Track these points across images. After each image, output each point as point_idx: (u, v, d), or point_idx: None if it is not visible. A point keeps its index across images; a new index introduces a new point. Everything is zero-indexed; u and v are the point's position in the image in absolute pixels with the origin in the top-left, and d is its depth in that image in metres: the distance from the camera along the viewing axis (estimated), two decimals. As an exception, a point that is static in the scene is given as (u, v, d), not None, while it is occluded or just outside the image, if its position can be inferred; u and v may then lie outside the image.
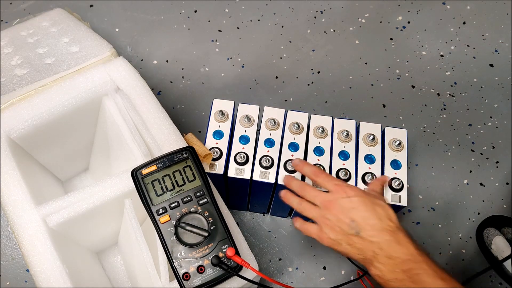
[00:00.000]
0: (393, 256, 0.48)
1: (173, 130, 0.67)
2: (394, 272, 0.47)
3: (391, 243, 0.48)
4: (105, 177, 0.63)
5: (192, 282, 0.52)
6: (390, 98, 1.00)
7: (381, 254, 0.48)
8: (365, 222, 0.50)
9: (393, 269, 0.47)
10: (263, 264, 0.82)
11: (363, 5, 1.13)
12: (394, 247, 0.48)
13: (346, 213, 0.51)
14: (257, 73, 1.02)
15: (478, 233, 0.86)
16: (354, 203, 0.51)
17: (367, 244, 0.49)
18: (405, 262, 0.47)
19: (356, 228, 0.50)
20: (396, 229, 0.50)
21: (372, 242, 0.49)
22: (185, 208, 0.55)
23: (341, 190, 0.53)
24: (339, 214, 0.51)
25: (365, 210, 0.51)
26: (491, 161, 0.94)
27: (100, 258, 0.78)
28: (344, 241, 0.51)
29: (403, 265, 0.47)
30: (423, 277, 0.46)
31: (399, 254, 0.47)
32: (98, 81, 0.69)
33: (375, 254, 0.49)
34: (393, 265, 0.47)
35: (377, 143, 0.70)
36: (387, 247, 0.48)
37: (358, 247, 0.50)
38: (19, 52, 0.77)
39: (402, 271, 0.47)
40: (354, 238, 0.50)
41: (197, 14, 1.10)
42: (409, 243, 0.49)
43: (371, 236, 0.49)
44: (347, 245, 0.51)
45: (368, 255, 0.49)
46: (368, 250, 0.49)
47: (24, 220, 0.59)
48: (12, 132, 0.65)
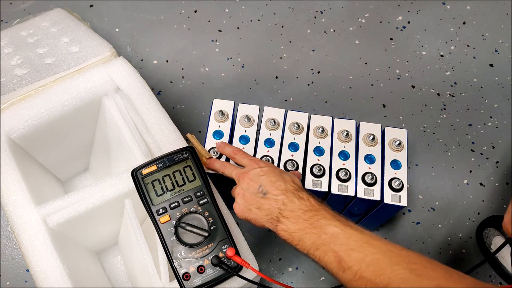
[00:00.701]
0: (296, 209, 0.51)
1: (173, 130, 0.67)
2: (297, 223, 0.51)
3: (293, 198, 0.52)
4: (105, 177, 0.63)
5: (192, 282, 0.52)
6: (390, 98, 1.00)
7: (285, 209, 0.52)
8: (271, 185, 0.54)
9: (296, 220, 0.51)
10: (263, 264, 0.82)
11: (363, 5, 1.13)
12: (296, 202, 0.52)
13: (256, 179, 0.56)
14: (257, 73, 1.02)
15: (478, 233, 0.86)
16: (264, 171, 0.56)
17: (273, 203, 0.53)
18: (306, 212, 0.51)
19: (263, 190, 0.54)
20: (299, 189, 0.54)
21: (277, 200, 0.53)
22: (185, 208, 0.55)
23: (254, 163, 0.58)
24: (250, 181, 0.56)
25: (273, 175, 0.55)
26: (491, 161, 0.94)
27: (100, 258, 0.78)
28: (254, 206, 0.55)
29: (305, 215, 0.51)
30: (322, 221, 0.49)
31: (301, 206, 0.51)
32: (98, 81, 0.69)
33: (280, 210, 0.52)
34: (296, 216, 0.51)
35: (377, 143, 0.70)
36: (290, 203, 0.52)
37: (265, 208, 0.54)
38: (19, 52, 0.77)
39: (303, 220, 0.50)
40: (261, 200, 0.54)
41: (197, 14, 1.10)
42: (310, 198, 0.53)
43: (276, 195, 0.53)
44: (256, 209, 0.54)
45: (274, 214, 0.53)
46: (273, 208, 0.53)
47: (24, 220, 0.59)
48: (12, 132, 0.65)
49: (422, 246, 0.85)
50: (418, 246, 0.85)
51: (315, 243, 0.48)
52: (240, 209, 0.56)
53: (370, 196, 0.66)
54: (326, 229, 0.48)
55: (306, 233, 0.49)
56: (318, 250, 0.48)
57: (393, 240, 0.85)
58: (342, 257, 0.46)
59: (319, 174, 0.67)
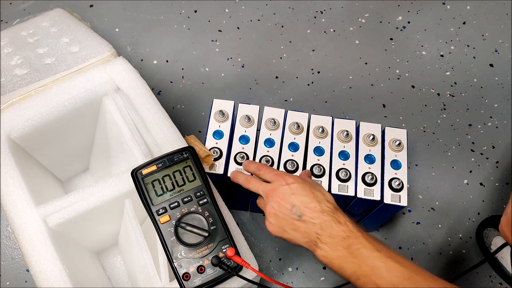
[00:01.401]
0: (334, 234, 0.50)
1: (173, 130, 0.67)
2: (337, 250, 0.50)
3: (331, 223, 0.51)
4: (105, 177, 0.63)
5: (192, 282, 0.52)
6: (390, 98, 1.00)
7: (324, 234, 0.51)
8: (305, 206, 0.52)
9: (335, 247, 0.50)
10: (263, 264, 0.82)
11: (363, 5, 1.13)
12: (335, 226, 0.50)
13: (287, 199, 0.53)
14: (257, 73, 1.02)
15: (478, 233, 0.86)
16: (293, 190, 0.54)
17: (310, 226, 0.52)
18: (345, 239, 0.50)
19: (298, 212, 0.52)
20: (334, 210, 0.52)
21: (314, 223, 0.51)
22: (185, 208, 0.55)
23: (280, 179, 0.56)
24: (280, 201, 0.54)
25: (304, 194, 0.53)
26: (491, 161, 0.94)
27: (100, 258, 0.78)
28: (289, 227, 0.53)
29: (343, 242, 0.49)
30: (362, 251, 0.48)
31: (339, 232, 0.50)
32: (98, 81, 0.69)
33: (318, 235, 0.51)
34: (334, 243, 0.50)
35: (377, 143, 0.70)
36: (328, 227, 0.51)
37: (302, 230, 0.52)
38: (19, 52, 0.77)
39: (343, 248, 0.49)
40: (297, 222, 0.53)
41: (197, 14, 1.10)
42: (348, 221, 0.51)
43: (312, 218, 0.52)
44: (292, 230, 0.53)
45: (312, 237, 0.52)
46: (311, 232, 0.52)
47: (24, 220, 0.59)
48: (12, 132, 0.65)
49: (422, 246, 0.85)
50: (418, 246, 0.85)
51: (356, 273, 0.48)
52: (274, 230, 0.55)
53: (370, 196, 0.66)
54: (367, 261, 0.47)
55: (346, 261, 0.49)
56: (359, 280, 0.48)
57: (393, 240, 0.86)
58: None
59: (319, 174, 0.67)
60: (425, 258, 0.84)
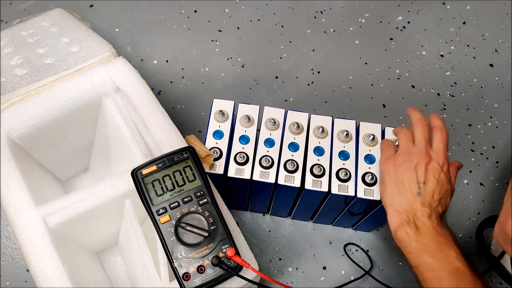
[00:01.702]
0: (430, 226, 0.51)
1: (173, 130, 0.67)
2: (426, 238, 0.51)
3: (434, 219, 0.52)
4: (105, 177, 0.63)
5: (192, 282, 0.52)
6: (390, 98, 1.00)
7: (421, 219, 0.52)
8: (431, 194, 0.53)
9: (425, 235, 0.51)
10: (263, 264, 0.82)
11: (363, 5, 1.13)
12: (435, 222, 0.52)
13: (428, 176, 0.54)
14: (257, 73, 1.02)
15: (478, 233, 0.86)
16: (439, 178, 0.54)
17: (417, 206, 0.52)
18: (438, 235, 0.51)
19: (421, 190, 0.53)
20: (442, 221, 0.54)
21: (422, 210, 0.52)
22: (185, 208, 0.55)
23: (442, 160, 0.56)
24: (423, 168, 0.54)
25: (439, 190, 0.54)
26: (491, 161, 0.94)
27: (100, 258, 0.78)
28: (401, 185, 0.54)
29: (436, 237, 0.50)
30: (451, 253, 0.49)
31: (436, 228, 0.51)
32: (98, 81, 0.69)
33: (416, 218, 0.52)
34: (426, 232, 0.51)
35: (377, 143, 0.70)
36: (428, 218, 0.52)
37: (408, 203, 0.53)
38: (19, 52, 0.77)
39: (432, 239, 0.50)
40: (409, 193, 0.53)
41: (197, 14, 1.10)
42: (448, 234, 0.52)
43: (425, 206, 0.52)
44: (397, 194, 0.54)
45: (411, 215, 0.52)
46: (414, 210, 0.53)
47: (24, 220, 0.59)
48: (12, 132, 0.65)
49: None
50: (418, 246, 0.85)
51: (432, 265, 0.49)
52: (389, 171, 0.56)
53: (370, 196, 0.66)
54: (455, 263, 0.49)
55: (429, 250, 0.50)
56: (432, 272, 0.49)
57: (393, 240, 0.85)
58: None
59: (319, 174, 0.67)
60: (425, 258, 0.84)
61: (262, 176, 0.67)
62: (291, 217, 0.85)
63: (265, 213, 0.86)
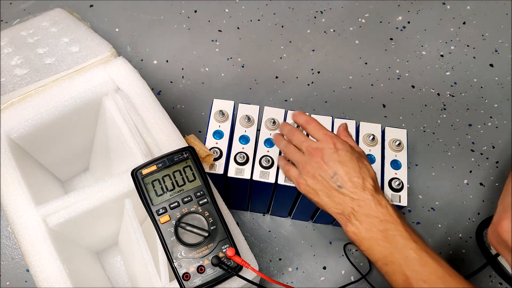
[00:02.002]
0: (371, 215, 0.48)
1: (173, 130, 0.67)
2: (371, 231, 0.48)
3: (371, 203, 0.48)
4: (105, 177, 0.63)
5: (192, 282, 0.52)
6: (390, 98, 1.00)
7: (360, 212, 0.49)
8: (348, 178, 0.50)
9: (370, 228, 0.48)
10: (263, 264, 0.82)
11: (363, 5, 1.13)
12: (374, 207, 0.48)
13: (331, 165, 0.51)
14: (257, 73, 1.02)
15: (478, 233, 0.86)
16: (341, 157, 0.51)
17: (348, 200, 0.49)
18: (382, 222, 0.48)
19: (338, 182, 0.50)
20: (377, 190, 0.50)
21: (353, 199, 0.49)
22: (185, 208, 0.55)
23: (330, 141, 0.52)
24: (323, 164, 0.51)
25: (350, 166, 0.50)
26: (491, 161, 0.94)
27: (100, 258, 0.78)
28: (323, 192, 0.51)
29: (380, 225, 0.48)
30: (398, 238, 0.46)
31: (378, 214, 0.48)
32: (98, 81, 0.69)
33: (354, 211, 0.49)
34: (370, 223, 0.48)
35: (377, 143, 0.70)
36: (366, 206, 0.48)
37: (337, 201, 0.50)
38: (19, 52, 0.77)
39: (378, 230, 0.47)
40: (334, 191, 0.50)
41: (197, 14, 1.10)
42: (388, 205, 0.49)
43: (353, 193, 0.49)
44: (326, 197, 0.51)
45: (346, 211, 0.49)
46: (347, 206, 0.49)
47: (24, 220, 0.59)
48: (12, 132, 0.65)
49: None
50: (418, 246, 0.85)
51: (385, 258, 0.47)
52: (305, 189, 0.52)
53: (370, 196, 0.66)
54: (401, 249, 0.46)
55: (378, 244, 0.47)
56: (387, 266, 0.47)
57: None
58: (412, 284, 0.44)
59: (319, 174, 0.67)
60: (425, 258, 0.84)
61: (262, 176, 0.67)
62: (291, 217, 0.85)
63: (265, 213, 0.86)
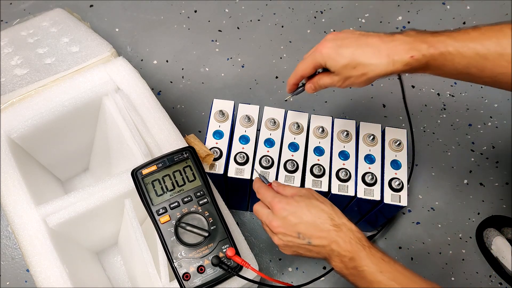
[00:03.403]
0: (341, 254, 0.50)
1: (173, 130, 0.67)
2: (347, 269, 0.50)
3: (338, 243, 0.50)
4: (105, 177, 0.63)
5: (192, 282, 0.52)
6: (390, 98, 1.00)
7: (333, 254, 0.51)
8: (311, 232, 0.51)
9: (345, 266, 0.50)
10: (263, 264, 0.82)
11: (363, 5, 1.13)
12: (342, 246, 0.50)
13: (291, 229, 0.52)
14: (257, 73, 1.02)
15: (478, 233, 0.86)
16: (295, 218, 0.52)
17: (321, 249, 0.52)
18: (351, 260, 0.49)
19: (306, 239, 0.52)
20: (340, 226, 0.51)
21: (324, 246, 0.51)
22: (185, 208, 0.55)
23: (279, 209, 0.53)
24: (286, 232, 0.52)
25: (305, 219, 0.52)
26: (491, 161, 0.94)
27: (100, 258, 0.78)
28: (302, 250, 0.53)
29: (350, 263, 0.50)
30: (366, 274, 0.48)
31: (345, 252, 0.50)
32: (98, 81, 0.69)
33: (329, 255, 0.51)
34: (343, 262, 0.50)
35: (377, 143, 0.70)
36: (336, 247, 0.50)
37: (315, 252, 0.52)
38: (19, 52, 0.77)
39: (351, 267, 0.50)
40: (308, 246, 0.52)
41: (197, 14, 1.10)
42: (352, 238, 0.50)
43: (321, 241, 0.51)
44: (306, 251, 0.53)
45: (326, 255, 0.52)
46: (324, 253, 0.52)
47: (24, 220, 0.59)
48: (12, 132, 0.65)
49: (422, 246, 0.85)
50: (418, 246, 0.85)
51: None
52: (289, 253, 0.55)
53: (370, 196, 0.66)
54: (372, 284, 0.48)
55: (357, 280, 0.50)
56: None
57: (393, 240, 0.86)
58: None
59: (319, 174, 0.67)
60: (425, 258, 0.84)
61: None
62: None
63: (265, 213, 0.86)
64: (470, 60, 0.49)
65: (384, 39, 0.51)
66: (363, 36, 0.53)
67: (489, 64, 0.48)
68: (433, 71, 0.52)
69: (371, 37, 0.52)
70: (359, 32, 0.53)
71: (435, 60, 0.50)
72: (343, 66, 0.53)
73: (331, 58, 0.54)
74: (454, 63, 0.49)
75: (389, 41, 0.51)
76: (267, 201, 0.55)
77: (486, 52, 0.47)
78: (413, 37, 0.50)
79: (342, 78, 0.55)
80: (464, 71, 0.50)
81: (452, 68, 0.50)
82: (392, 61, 0.51)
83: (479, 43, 0.47)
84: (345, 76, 0.54)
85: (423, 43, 0.49)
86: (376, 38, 0.52)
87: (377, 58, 0.51)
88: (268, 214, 0.54)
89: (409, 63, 0.50)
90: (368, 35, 0.52)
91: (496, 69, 0.48)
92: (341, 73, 0.54)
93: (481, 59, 0.48)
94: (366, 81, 0.54)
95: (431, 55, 0.49)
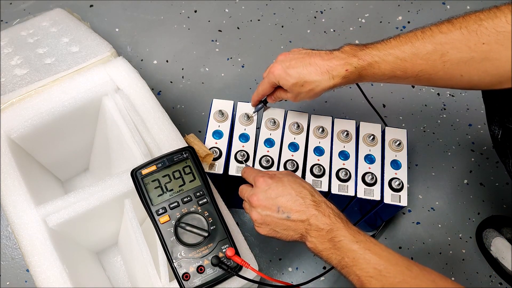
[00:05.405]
0: (320, 228, 0.52)
1: (173, 130, 0.67)
2: (323, 243, 0.52)
3: (317, 217, 0.52)
4: (105, 177, 0.63)
5: (192, 282, 0.52)
6: (390, 98, 1.00)
7: (311, 229, 0.53)
8: (291, 205, 0.54)
9: (321, 240, 0.52)
10: (263, 264, 0.82)
11: (363, 5, 1.13)
12: (320, 220, 0.52)
13: (271, 202, 0.55)
14: (257, 73, 1.02)
15: (478, 234, 0.86)
16: (275, 192, 0.55)
17: (299, 224, 0.54)
18: (328, 232, 0.52)
19: (285, 213, 0.54)
20: (318, 202, 0.54)
21: (302, 220, 0.53)
22: (185, 208, 0.55)
23: (262, 182, 0.56)
24: (266, 205, 0.55)
25: (287, 193, 0.55)
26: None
27: (100, 258, 0.78)
28: (279, 228, 0.55)
29: (327, 235, 0.51)
30: (343, 243, 0.50)
31: (324, 225, 0.52)
32: (98, 81, 0.69)
33: (306, 230, 0.53)
34: (321, 236, 0.52)
35: (377, 143, 0.70)
36: (314, 221, 0.52)
37: (292, 228, 0.54)
38: (19, 52, 0.77)
39: (328, 240, 0.51)
40: (286, 222, 0.54)
41: (197, 14, 1.10)
42: (331, 214, 0.53)
43: (300, 215, 0.53)
44: (283, 230, 0.55)
45: (303, 232, 0.54)
46: (301, 229, 0.54)
47: (24, 220, 0.59)
48: (12, 132, 0.65)
49: (422, 246, 0.85)
50: (418, 246, 0.85)
51: (340, 263, 0.51)
52: (265, 232, 0.56)
53: (370, 196, 0.66)
54: (348, 253, 0.50)
55: (331, 253, 0.51)
56: (343, 270, 0.51)
57: (393, 240, 0.86)
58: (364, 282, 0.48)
59: (319, 174, 0.67)
60: (425, 258, 0.84)
61: (262, 176, 0.67)
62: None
63: (265, 213, 0.86)
64: (393, 65, 0.55)
65: (325, 57, 0.58)
66: (307, 56, 0.59)
67: (409, 65, 0.54)
68: (367, 79, 0.58)
69: (314, 56, 0.59)
70: (305, 51, 0.60)
71: (366, 70, 0.57)
72: (293, 84, 0.60)
73: (282, 78, 0.60)
74: (381, 70, 0.56)
75: (328, 59, 0.58)
76: (250, 179, 0.59)
77: (404, 55, 0.54)
78: (347, 53, 0.57)
79: (294, 94, 0.62)
80: (391, 75, 0.56)
81: (381, 74, 0.56)
82: (332, 76, 0.58)
83: (397, 49, 0.55)
84: (296, 93, 0.61)
85: (354, 57, 0.57)
86: (318, 57, 0.58)
87: (319, 75, 0.58)
88: (250, 190, 0.57)
89: (346, 75, 0.57)
90: (311, 55, 0.59)
91: (415, 68, 0.54)
92: (293, 91, 0.61)
93: (402, 62, 0.54)
94: (314, 95, 0.61)
95: (362, 66, 0.56)
